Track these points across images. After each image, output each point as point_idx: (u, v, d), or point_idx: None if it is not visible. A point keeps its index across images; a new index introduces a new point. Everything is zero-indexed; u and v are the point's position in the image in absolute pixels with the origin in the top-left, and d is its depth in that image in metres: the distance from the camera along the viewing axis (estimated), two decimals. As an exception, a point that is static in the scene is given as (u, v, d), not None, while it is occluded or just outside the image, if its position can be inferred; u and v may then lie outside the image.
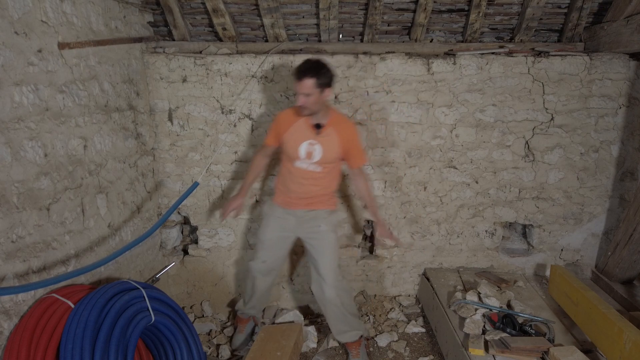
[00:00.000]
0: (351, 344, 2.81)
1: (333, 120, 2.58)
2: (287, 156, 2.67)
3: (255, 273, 2.85)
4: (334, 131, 2.56)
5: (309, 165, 2.60)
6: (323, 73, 2.39)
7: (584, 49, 3.23)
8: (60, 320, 1.92)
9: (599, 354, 2.44)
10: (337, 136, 2.57)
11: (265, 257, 2.81)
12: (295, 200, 2.69)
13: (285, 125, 2.62)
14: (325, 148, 2.56)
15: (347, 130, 2.60)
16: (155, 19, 3.17)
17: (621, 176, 3.26)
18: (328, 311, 2.73)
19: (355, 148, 2.65)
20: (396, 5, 3.04)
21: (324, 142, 2.56)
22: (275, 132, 2.68)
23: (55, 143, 2.13)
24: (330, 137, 2.56)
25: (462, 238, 3.42)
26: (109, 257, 2.29)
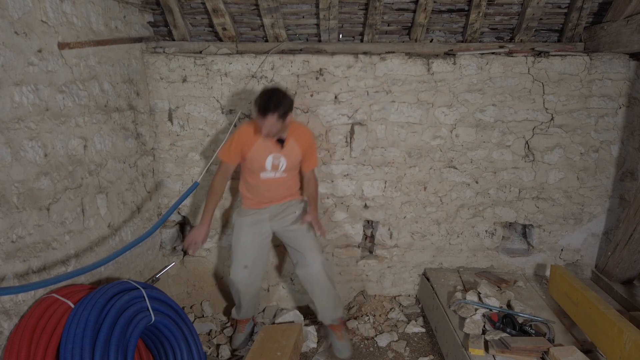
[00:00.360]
0: (336, 326, 2.90)
1: (291, 131, 2.72)
2: (251, 170, 2.77)
3: (238, 284, 2.83)
4: (294, 141, 2.73)
5: (275, 174, 2.77)
6: (283, 105, 2.49)
7: (584, 49, 3.23)
8: (60, 320, 1.92)
9: (599, 354, 2.44)
10: (298, 145, 2.74)
11: (245, 261, 2.80)
12: (266, 203, 2.84)
13: (248, 143, 2.70)
14: (288, 159, 2.74)
15: (306, 137, 2.79)
16: (155, 19, 3.17)
17: (621, 176, 3.26)
18: (317, 288, 2.77)
19: (311, 153, 2.85)
20: (396, 5, 3.04)
21: (287, 153, 2.73)
22: (237, 150, 2.72)
23: (55, 143, 2.13)
24: (292, 147, 2.73)
25: (462, 238, 3.42)
26: (109, 257, 2.29)
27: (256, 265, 2.84)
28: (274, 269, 3.44)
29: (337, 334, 2.91)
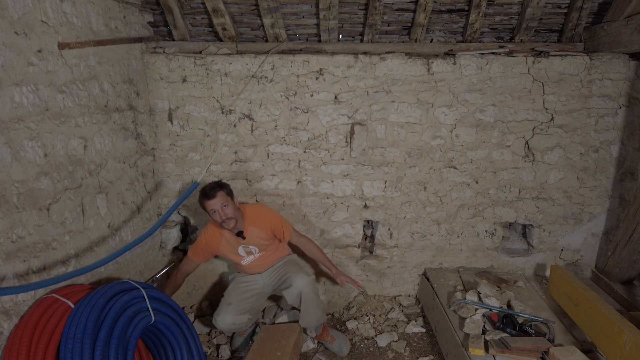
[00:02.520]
0: (320, 335, 2.94)
1: (248, 220, 2.81)
2: (232, 260, 2.95)
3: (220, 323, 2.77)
4: (255, 227, 2.82)
5: (254, 256, 2.90)
6: (225, 186, 2.71)
7: (584, 49, 3.23)
8: (60, 320, 1.92)
9: (599, 354, 2.44)
10: (259, 229, 2.83)
11: (230, 300, 2.82)
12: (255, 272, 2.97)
13: (214, 244, 2.85)
14: (256, 243, 2.85)
15: (263, 221, 2.85)
16: (155, 19, 3.17)
17: (621, 176, 3.26)
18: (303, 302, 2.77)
19: (278, 227, 2.89)
20: (396, 5, 3.04)
21: (252, 240, 2.83)
22: (203, 249, 2.89)
23: (55, 143, 2.13)
24: (255, 233, 2.82)
25: (462, 238, 3.42)
26: (109, 257, 2.29)
27: (240, 304, 2.82)
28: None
29: (327, 339, 2.96)
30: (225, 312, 2.76)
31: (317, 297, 2.82)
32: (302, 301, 2.76)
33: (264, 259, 2.93)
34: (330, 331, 3.00)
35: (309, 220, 3.36)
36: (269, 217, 2.87)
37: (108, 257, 2.29)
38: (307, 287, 2.76)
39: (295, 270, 2.86)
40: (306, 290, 2.75)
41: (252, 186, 3.31)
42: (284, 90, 3.15)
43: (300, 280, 2.76)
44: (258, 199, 3.34)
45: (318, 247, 3.02)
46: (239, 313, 2.80)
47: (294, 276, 2.79)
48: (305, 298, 2.76)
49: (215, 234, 2.84)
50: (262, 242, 2.86)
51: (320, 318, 2.86)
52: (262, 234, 2.83)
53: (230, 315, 2.76)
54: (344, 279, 2.90)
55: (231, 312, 2.77)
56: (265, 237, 2.86)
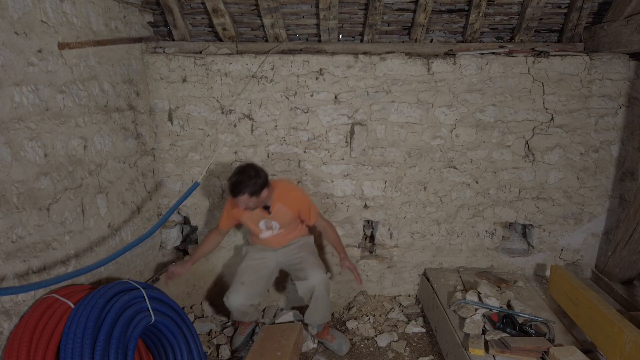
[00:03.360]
0: (321, 333, 2.95)
1: (277, 197, 2.73)
2: (251, 231, 2.93)
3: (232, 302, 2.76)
4: (282, 205, 2.77)
5: (273, 232, 2.87)
6: (253, 184, 2.48)
7: (584, 49, 3.23)
8: (60, 321, 1.92)
9: (599, 354, 2.44)
10: (286, 208, 2.78)
11: (243, 279, 2.81)
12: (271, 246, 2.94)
13: (238, 214, 2.79)
14: (280, 220, 2.82)
15: (294, 200, 2.80)
16: (155, 19, 3.17)
17: (621, 176, 3.26)
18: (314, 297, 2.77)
19: (305, 209, 2.84)
20: (396, 5, 3.04)
21: (277, 216, 2.79)
22: (229, 219, 2.87)
23: (55, 143, 2.13)
24: (281, 211, 2.78)
25: (462, 238, 3.42)
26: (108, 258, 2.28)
27: (253, 283, 2.82)
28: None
29: (326, 338, 2.97)
30: (238, 292, 2.76)
31: (327, 296, 2.82)
32: (313, 297, 2.77)
33: (282, 236, 2.90)
34: (330, 330, 3.01)
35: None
36: (298, 197, 2.83)
37: (108, 257, 2.29)
38: (322, 285, 2.74)
39: (312, 262, 2.81)
40: (320, 288, 2.74)
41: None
42: (284, 90, 3.15)
43: (316, 277, 2.73)
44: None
45: (337, 234, 3.00)
46: (251, 295, 2.79)
47: (311, 271, 2.76)
48: (317, 295, 2.76)
49: None
50: (286, 220, 2.83)
51: (326, 317, 2.88)
52: (287, 212, 2.79)
53: (242, 295, 2.75)
54: (348, 264, 2.88)
55: (244, 292, 2.76)
56: (290, 217, 2.82)
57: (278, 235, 2.89)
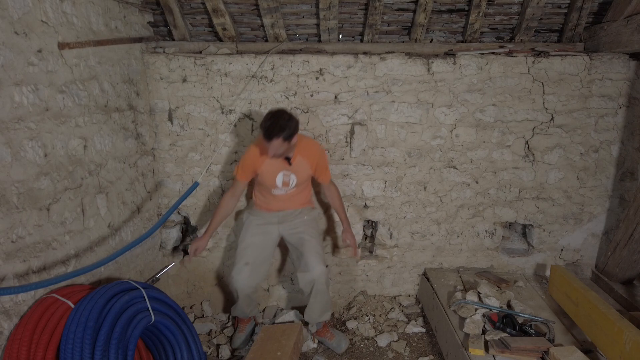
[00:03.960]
0: (321, 331, 2.97)
1: (300, 148, 2.74)
2: (263, 186, 2.86)
3: (237, 282, 2.82)
4: (303, 158, 2.76)
5: (287, 191, 2.84)
6: (288, 127, 2.49)
7: (584, 49, 3.23)
8: (60, 320, 1.92)
9: (599, 354, 2.44)
10: (307, 161, 2.78)
11: (247, 259, 2.83)
12: (277, 209, 2.91)
13: (257, 163, 2.76)
14: (298, 175, 2.79)
15: (315, 154, 2.81)
16: (155, 19, 3.17)
17: (621, 176, 3.26)
18: (313, 293, 2.80)
19: (323, 166, 2.87)
20: (396, 5, 3.04)
21: (296, 170, 2.77)
22: (248, 169, 2.80)
23: (55, 143, 2.13)
24: (301, 164, 2.77)
25: (462, 238, 3.42)
26: (109, 258, 2.29)
27: (258, 264, 2.85)
28: (275, 269, 3.44)
29: (326, 336, 2.97)
30: (242, 272, 2.81)
31: (327, 290, 2.84)
32: (313, 292, 2.79)
33: (292, 196, 2.88)
34: (330, 329, 3.02)
35: (309, 220, 3.36)
36: (318, 152, 2.84)
37: (108, 258, 2.29)
38: (322, 278, 2.76)
39: (314, 251, 2.80)
40: (320, 281, 2.76)
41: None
42: (284, 90, 3.15)
43: (317, 270, 2.75)
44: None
45: (341, 199, 3.02)
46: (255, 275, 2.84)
47: (312, 261, 2.76)
48: (317, 289, 2.78)
49: (258, 153, 2.76)
50: (304, 175, 2.82)
51: (325, 314, 2.90)
52: (307, 166, 2.79)
53: (247, 275, 2.81)
54: (350, 237, 2.92)
55: (249, 272, 2.81)
56: (308, 172, 2.82)
57: (289, 195, 2.86)
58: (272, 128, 2.46)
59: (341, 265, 3.44)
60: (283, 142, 2.50)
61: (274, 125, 2.46)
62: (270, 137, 2.47)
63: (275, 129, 2.45)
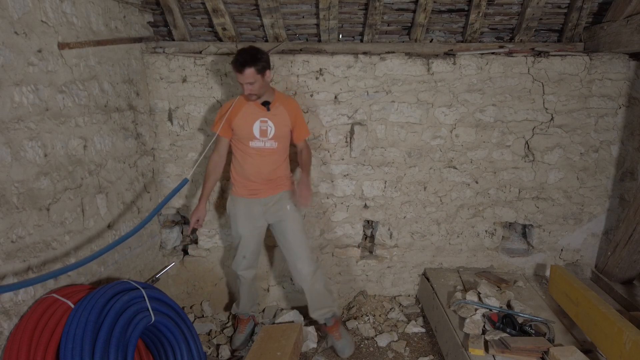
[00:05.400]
0: (331, 327, 2.92)
1: (278, 97, 2.73)
2: (240, 141, 2.74)
3: (239, 272, 2.94)
4: (282, 106, 2.71)
5: (265, 143, 2.71)
6: (260, 59, 2.50)
7: (583, 49, 3.23)
8: (60, 321, 1.92)
9: (599, 354, 2.44)
10: (285, 110, 2.72)
11: (244, 252, 2.89)
12: (257, 187, 2.78)
13: (234, 111, 2.70)
14: (276, 123, 2.70)
15: (293, 104, 2.79)
16: (155, 19, 3.17)
17: (621, 176, 3.26)
18: (306, 291, 2.85)
19: (301, 121, 2.82)
20: (396, 5, 3.04)
21: (274, 118, 2.69)
22: (225, 123, 2.72)
23: (55, 143, 2.13)
24: (280, 112, 2.71)
25: (462, 238, 3.42)
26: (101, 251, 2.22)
27: (253, 253, 2.94)
28: (274, 269, 3.44)
29: (334, 334, 2.93)
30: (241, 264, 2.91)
31: (321, 289, 2.85)
32: (305, 292, 2.84)
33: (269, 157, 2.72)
34: (340, 328, 2.96)
35: (308, 220, 3.36)
36: (297, 106, 2.83)
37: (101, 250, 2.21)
38: (310, 278, 2.80)
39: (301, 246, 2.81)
40: (309, 281, 2.81)
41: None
42: (284, 90, 3.15)
43: (304, 271, 2.80)
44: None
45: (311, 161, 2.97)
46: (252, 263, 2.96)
47: (300, 264, 2.80)
48: (307, 288, 2.82)
49: (240, 101, 2.71)
50: (282, 126, 2.71)
51: (329, 308, 2.90)
52: (286, 117, 2.72)
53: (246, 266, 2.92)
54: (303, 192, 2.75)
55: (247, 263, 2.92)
56: (287, 124, 2.74)
57: (267, 152, 2.71)
58: (244, 57, 2.47)
59: (341, 265, 3.44)
60: (256, 74, 2.48)
61: (245, 54, 2.48)
62: (242, 66, 2.45)
63: (247, 58, 2.46)
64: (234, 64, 2.50)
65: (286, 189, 2.85)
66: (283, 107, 2.72)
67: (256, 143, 2.71)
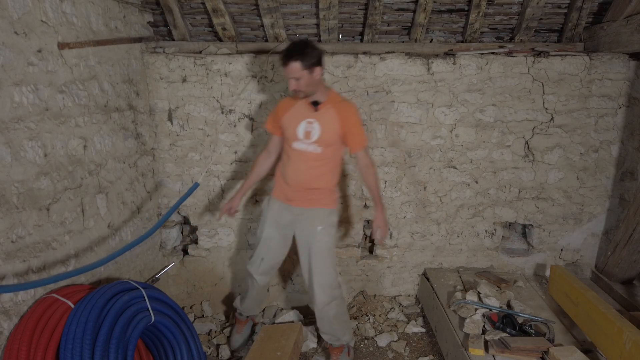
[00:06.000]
0: (333, 349, 2.78)
1: (332, 99, 2.52)
2: (286, 141, 2.61)
3: (253, 273, 2.81)
4: (333, 109, 2.48)
5: (308, 146, 2.50)
6: (308, 53, 2.32)
7: (583, 49, 3.23)
8: (60, 320, 1.92)
9: (599, 354, 2.44)
10: (336, 114, 2.48)
11: (263, 254, 2.75)
12: (294, 192, 2.59)
13: (284, 108, 2.60)
14: (323, 126, 2.47)
15: (347, 109, 2.51)
16: (155, 19, 3.17)
17: (621, 176, 3.26)
18: (316, 313, 2.70)
19: (355, 128, 2.51)
20: (396, 5, 3.04)
21: (322, 119, 2.48)
22: (274, 117, 2.66)
23: (55, 143, 2.13)
24: (329, 114, 2.48)
25: (462, 238, 3.42)
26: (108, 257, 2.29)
27: (272, 260, 2.78)
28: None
29: (333, 356, 2.80)
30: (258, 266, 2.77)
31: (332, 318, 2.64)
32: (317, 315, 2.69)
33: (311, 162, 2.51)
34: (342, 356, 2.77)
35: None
36: (352, 111, 2.52)
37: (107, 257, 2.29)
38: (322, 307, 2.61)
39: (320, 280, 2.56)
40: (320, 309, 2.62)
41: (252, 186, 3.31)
42: (284, 90, 3.15)
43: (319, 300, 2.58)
44: (258, 198, 3.34)
45: (377, 179, 2.65)
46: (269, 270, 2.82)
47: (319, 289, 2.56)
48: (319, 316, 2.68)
49: (289, 100, 2.61)
50: (329, 131, 2.47)
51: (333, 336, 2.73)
52: (335, 120, 2.47)
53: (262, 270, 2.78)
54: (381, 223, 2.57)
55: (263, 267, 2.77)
56: (335, 130, 2.48)
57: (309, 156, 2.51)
58: (291, 49, 2.33)
59: (341, 265, 3.44)
60: (302, 70, 2.30)
61: (293, 47, 2.34)
62: (287, 58, 2.30)
63: (294, 51, 2.31)
64: (280, 55, 2.38)
65: (323, 207, 2.59)
66: (334, 110, 2.48)
67: (299, 145, 2.52)
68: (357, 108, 2.60)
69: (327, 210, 2.62)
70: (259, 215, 3.30)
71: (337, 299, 2.65)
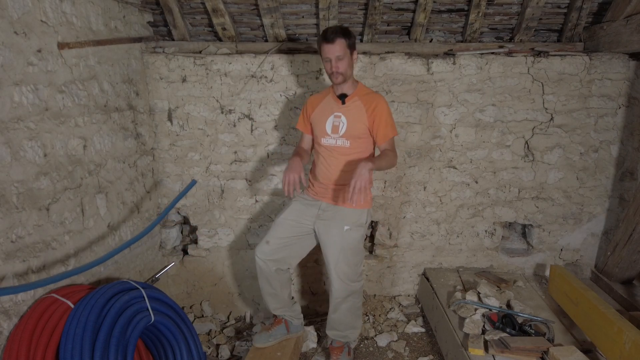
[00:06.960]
0: (334, 349, 2.74)
1: (360, 91, 2.48)
2: (316, 138, 2.57)
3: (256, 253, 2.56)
4: (360, 101, 2.44)
5: (337, 140, 2.45)
6: (351, 34, 2.36)
7: (583, 49, 3.23)
8: (60, 320, 1.92)
9: (598, 354, 2.44)
10: (364, 106, 2.42)
11: (269, 237, 2.55)
12: (322, 189, 2.52)
13: (313, 104, 2.58)
14: (350, 119, 2.42)
15: (375, 100, 2.43)
16: (155, 19, 3.17)
17: (621, 176, 3.26)
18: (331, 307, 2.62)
19: (382, 120, 2.41)
20: (396, 5, 3.04)
21: (349, 112, 2.43)
22: (304, 115, 2.63)
23: (55, 143, 2.13)
24: (355, 106, 2.43)
25: (461, 238, 3.42)
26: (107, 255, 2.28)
27: (277, 248, 2.54)
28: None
29: (333, 356, 2.74)
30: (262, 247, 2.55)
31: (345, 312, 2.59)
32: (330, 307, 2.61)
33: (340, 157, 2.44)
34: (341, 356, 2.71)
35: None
36: (380, 104, 2.42)
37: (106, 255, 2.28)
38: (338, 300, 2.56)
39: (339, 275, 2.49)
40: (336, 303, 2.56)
41: (252, 186, 3.31)
42: (284, 90, 3.15)
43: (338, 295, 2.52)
44: (258, 198, 3.34)
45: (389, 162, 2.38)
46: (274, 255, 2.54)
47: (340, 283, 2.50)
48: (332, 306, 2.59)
49: (317, 96, 2.60)
50: (355, 123, 2.41)
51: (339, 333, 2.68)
52: (361, 113, 2.41)
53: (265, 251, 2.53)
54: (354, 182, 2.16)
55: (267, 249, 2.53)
56: (362, 121, 2.41)
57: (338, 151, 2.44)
58: (335, 29, 2.33)
59: (341, 265, 3.44)
60: (346, 48, 2.31)
61: (337, 28, 2.34)
62: (334, 34, 2.28)
63: (338, 30, 2.32)
64: (323, 35, 2.32)
65: (352, 207, 2.44)
66: (361, 102, 2.42)
67: (327, 140, 2.47)
68: (384, 99, 2.48)
69: (357, 210, 2.49)
70: (259, 215, 3.32)
71: (355, 293, 2.59)
